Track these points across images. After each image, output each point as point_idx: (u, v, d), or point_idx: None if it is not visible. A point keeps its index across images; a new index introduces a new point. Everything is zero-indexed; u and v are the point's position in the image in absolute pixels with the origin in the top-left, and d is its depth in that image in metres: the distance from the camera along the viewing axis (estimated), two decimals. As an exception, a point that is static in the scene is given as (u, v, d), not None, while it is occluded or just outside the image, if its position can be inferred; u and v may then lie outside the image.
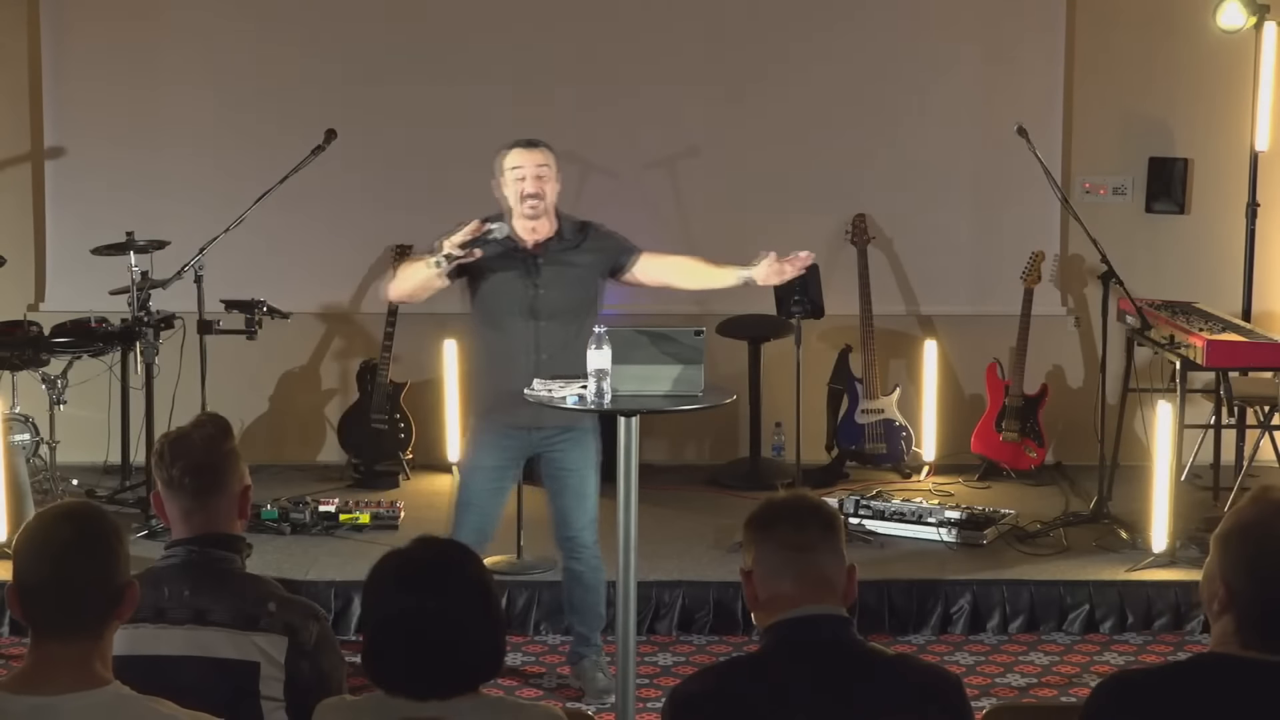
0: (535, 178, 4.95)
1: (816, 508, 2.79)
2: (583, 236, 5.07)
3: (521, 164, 4.96)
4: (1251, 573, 2.48)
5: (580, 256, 5.03)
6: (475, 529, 4.98)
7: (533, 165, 4.96)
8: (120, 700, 2.50)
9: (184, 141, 7.71)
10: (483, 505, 5.05)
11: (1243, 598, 2.48)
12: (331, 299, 7.83)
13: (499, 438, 5.04)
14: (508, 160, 5.00)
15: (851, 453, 7.50)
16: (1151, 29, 7.73)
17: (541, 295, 4.95)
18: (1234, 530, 2.53)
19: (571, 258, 5.00)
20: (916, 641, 5.77)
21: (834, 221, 7.69)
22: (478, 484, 5.07)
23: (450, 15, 7.70)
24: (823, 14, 7.74)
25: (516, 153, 4.99)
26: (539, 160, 4.98)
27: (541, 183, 4.95)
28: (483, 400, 5.13)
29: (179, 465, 3.06)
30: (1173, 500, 6.08)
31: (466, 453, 5.22)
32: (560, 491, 5.08)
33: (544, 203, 4.97)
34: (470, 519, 5.03)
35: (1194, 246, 7.80)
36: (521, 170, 4.96)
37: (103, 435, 7.29)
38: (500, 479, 5.10)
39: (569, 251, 5.02)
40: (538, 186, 4.95)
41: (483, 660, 2.58)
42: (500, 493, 5.11)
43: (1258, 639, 2.47)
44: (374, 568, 2.61)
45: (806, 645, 2.67)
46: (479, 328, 5.13)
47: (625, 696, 4.53)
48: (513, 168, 4.97)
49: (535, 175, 4.95)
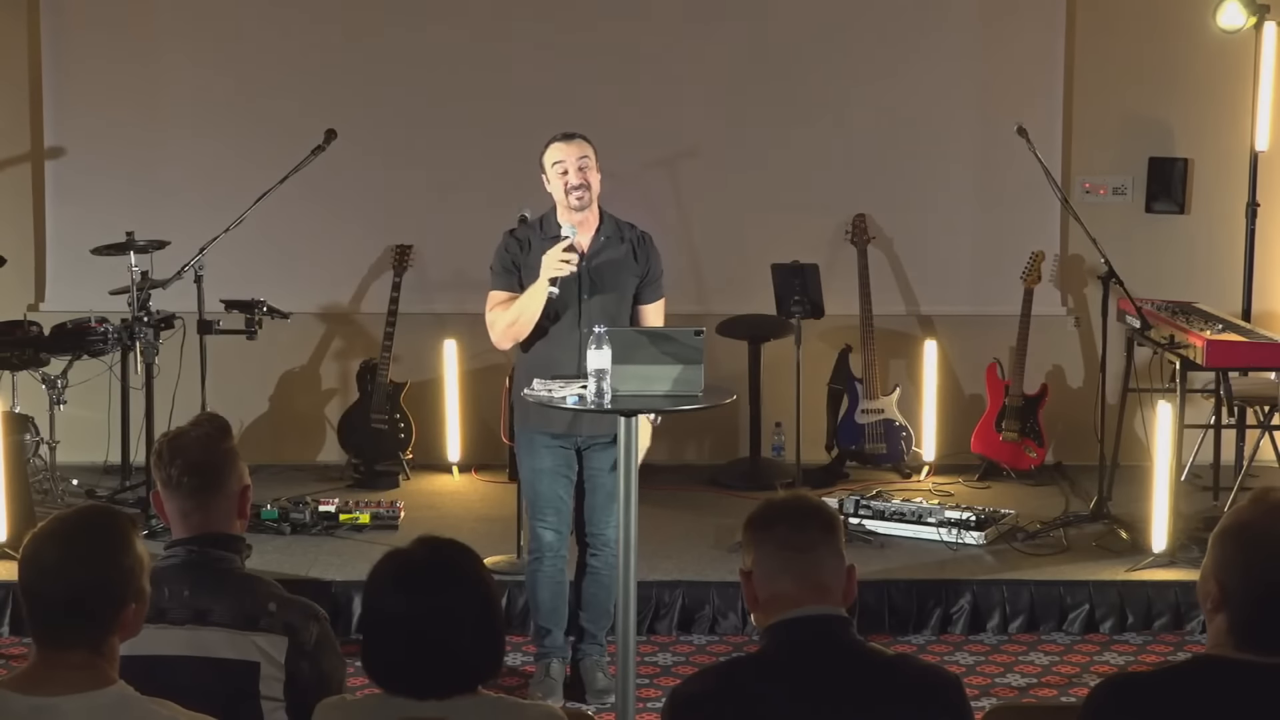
0: (578, 169, 5.00)
1: (816, 508, 2.79)
2: (628, 235, 5.11)
3: (563, 158, 5.02)
4: (1244, 573, 2.48)
5: (621, 253, 5.05)
6: (553, 528, 5.09)
7: (574, 157, 5.01)
8: (122, 701, 2.50)
9: (184, 142, 7.71)
10: (555, 503, 5.10)
11: (1235, 598, 2.48)
12: (331, 299, 7.83)
13: (548, 440, 5.08)
14: (549, 156, 5.06)
15: (851, 453, 7.50)
16: (1151, 29, 7.74)
17: (586, 301, 4.98)
18: (1230, 530, 2.53)
19: (612, 254, 5.03)
20: (916, 641, 5.77)
21: (834, 221, 7.70)
22: (544, 486, 5.10)
23: (450, 16, 7.70)
24: (823, 14, 7.73)
25: (556, 147, 5.05)
26: (579, 152, 5.03)
27: (584, 173, 5.01)
28: (527, 410, 5.06)
29: (177, 465, 3.06)
30: (1173, 500, 6.08)
31: (522, 460, 5.21)
32: (593, 490, 5.12)
33: (589, 192, 5.02)
34: (548, 518, 5.10)
35: (1194, 246, 7.80)
36: (564, 164, 5.01)
37: (103, 435, 7.29)
38: (560, 472, 5.10)
39: (611, 248, 5.05)
40: (581, 177, 5.00)
41: (482, 660, 2.58)
42: (568, 484, 5.11)
43: (1250, 640, 2.47)
44: (375, 567, 2.62)
45: (806, 645, 2.67)
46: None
47: (625, 696, 4.53)
48: (555, 162, 5.04)
49: (577, 167, 5.00)
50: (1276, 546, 2.48)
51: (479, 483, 7.51)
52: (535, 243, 5.05)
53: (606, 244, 5.06)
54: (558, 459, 5.08)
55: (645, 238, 5.16)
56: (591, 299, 4.98)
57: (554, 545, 5.11)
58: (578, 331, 4.95)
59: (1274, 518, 2.51)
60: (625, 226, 5.14)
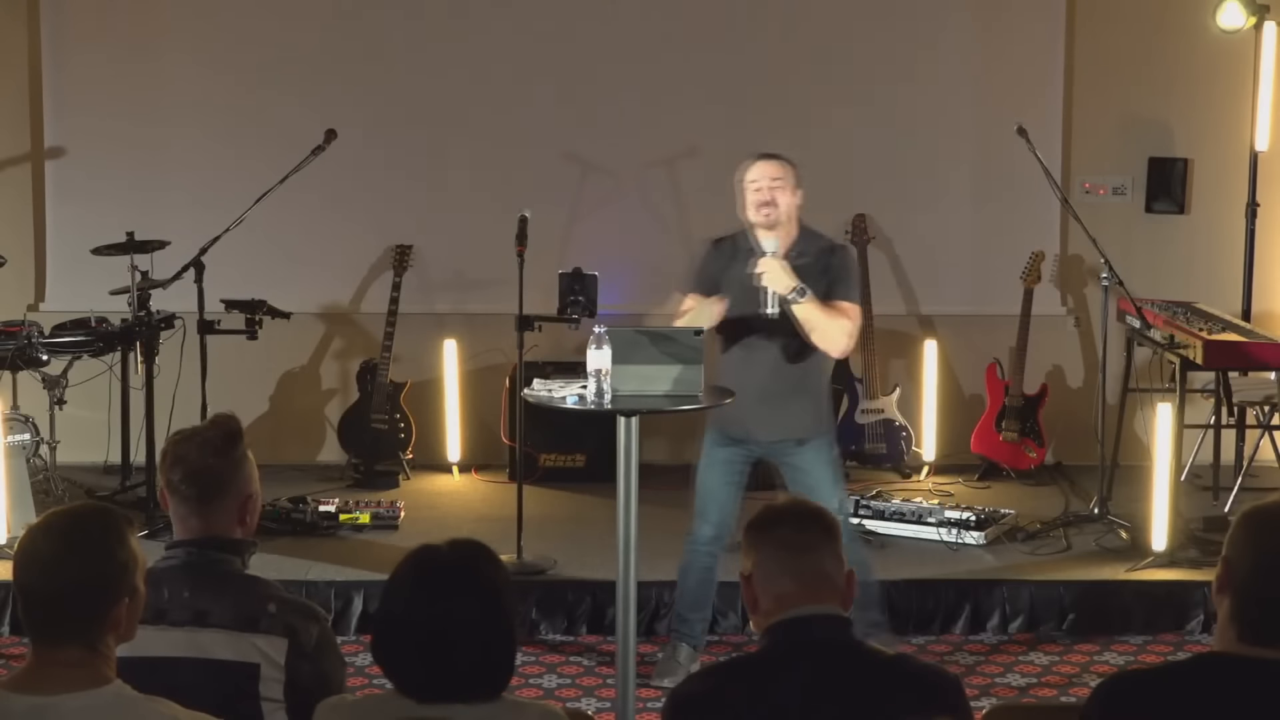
0: (769, 188, 5.09)
1: (817, 511, 2.80)
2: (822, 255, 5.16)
3: (757, 176, 5.13)
4: (1252, 558, 2.49)
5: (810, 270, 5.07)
6: (714, 522, 5.22)
7: (767, 178, 5.11)
8: (121, 700, 2.50)
9: (184, 141, 7.71)
10: (720, 498, 5.23)
11: (1239, 578, 2.49)
12: (331, 299, 7.83)
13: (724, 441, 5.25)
14: (746, 175, 5.16)
15: (851, 453, 7.50)
16: (1151, 29, 7.74)
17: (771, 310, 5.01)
18: (1253, 512, 2.55)
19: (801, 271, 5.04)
20: (916, 641, 5.77)
21: (834, 221, 7.68)
22: (713, 479, 5.25)
23: (451, 16, 7.70)
24: (823, 14, 7.74)
25: (753, 166, 5.16)
26: (773, 173, 5.12)
27: (775, 192, 5.08)
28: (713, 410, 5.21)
29: (178, 470, 3.05)
30: (1173, 500, 6.08)
31: (702, 450, 5.36)
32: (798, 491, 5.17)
33: (777, 211, 5.09)
34: (710, 512, 5.23)
35: (1194, 246, 7.80)
36: (758, 182, 5.12)
37: (103, 435, 7.29)
38: (729, 473, 5.24)
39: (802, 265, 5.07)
40: (770, 195, 5.08)
41: (493, 672, 2.56)
42: (733, 486, 5.24)
43: (1250, 630, 2.47)
44: (402, 562, 2.60)
45: (806, 645, 2.68)
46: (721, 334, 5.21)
47: (625, 696, 4.54)
48: (750, 180, 5.14)
49: (770, 186, 5.09)
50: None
51: (479, 483, 7.51)
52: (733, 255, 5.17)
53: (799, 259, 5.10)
54: (731, 454, 5.24)
55: (837, 253, 5.22)
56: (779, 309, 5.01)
57: (707, 537, 5.25)
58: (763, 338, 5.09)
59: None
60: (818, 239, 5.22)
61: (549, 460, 7.41)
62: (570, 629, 5.80)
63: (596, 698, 5.25)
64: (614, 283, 6.44)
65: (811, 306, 4.96)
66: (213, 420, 3.18)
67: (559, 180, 7.62)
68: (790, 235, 5.14)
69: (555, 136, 7.68)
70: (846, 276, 5.18)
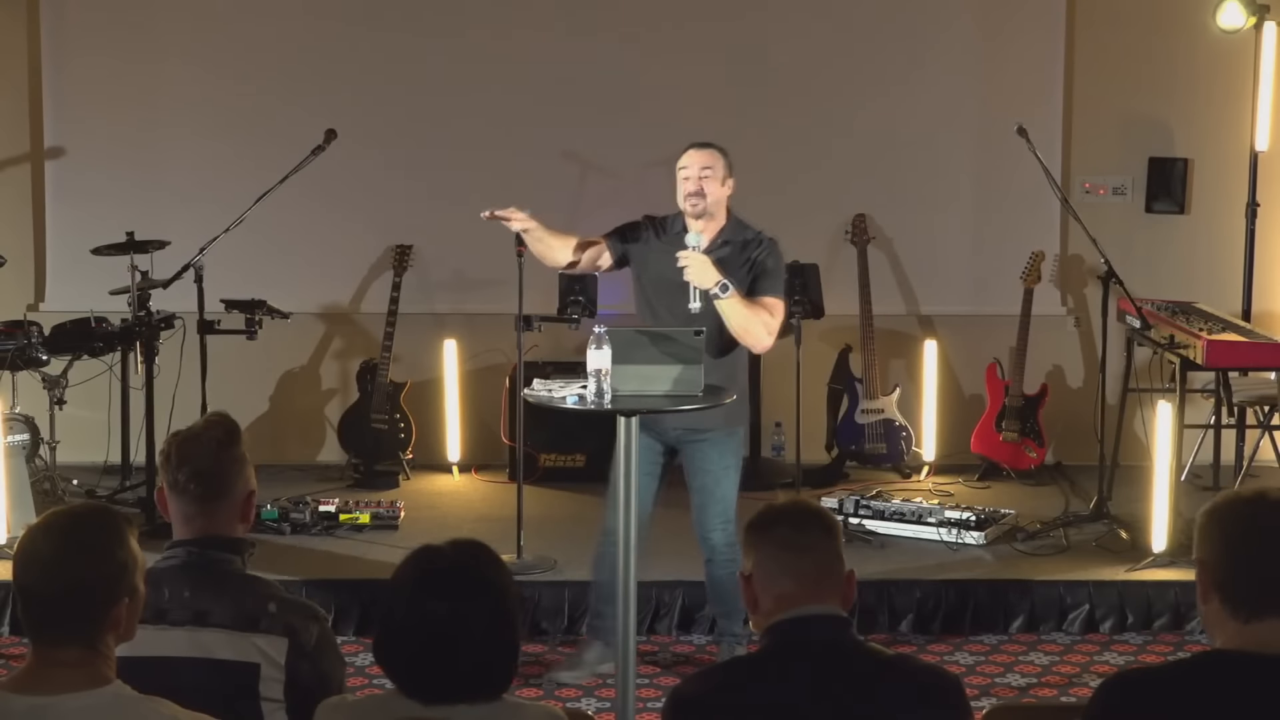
0: (698, 178, 5.10)
1: (817, 512, 2.80)
2: (748, 248, 5.14)
3: (687, 164, 5.14)
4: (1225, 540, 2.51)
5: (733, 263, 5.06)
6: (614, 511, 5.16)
7: (697, 166, 5.11)
8: (121, 700, 2.50)
9: (184, 141, 7.71)
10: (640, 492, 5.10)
11: (1219, 568, 2.50)
12: (331, 299, 7.83)
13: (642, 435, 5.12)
14: (679, 162, 5.17)
15: (851, 453, 7.50)
16: (1151, 29, 7.74)
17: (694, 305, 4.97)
18: (1208, 510, 2.57)
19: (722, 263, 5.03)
20: (916, 641, 5.77)
21: (834, 221, 7.70)
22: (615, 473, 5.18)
23: (451, 15, 7.70)
24: (823, 14, 7.74)
25: (685, 154, 5.17)
26: (704, 162, 5.12)
27: (703, 182, 5.09)
28: None
29: (185, 470, 3.05)
30: (1173, 500, 6.08)
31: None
32: (695, 490, 5.21)
33: (704, 201, 5.09)
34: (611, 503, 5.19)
35: (1194, 246, 7.80)
36: (687, 170, 5.13)
37: (103, 435, 7.29)
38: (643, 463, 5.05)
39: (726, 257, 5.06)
40: (699, 185, 5.09)
41: (496, 675, 2.56)
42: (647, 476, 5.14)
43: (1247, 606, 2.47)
44: (403, 563, 2.60)
45: (806, 645, 2.68)
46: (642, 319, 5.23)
47: (625, 696, 4.53)
48: (680, 168, 5.15)
49: (699, 175, 5.10)
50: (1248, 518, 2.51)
51: (479, 483, 7.51)
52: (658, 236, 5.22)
53: (721, 250, 5.10)
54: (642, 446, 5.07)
55: (763, 247, 5.17)
56: (704, 304, 4.97)
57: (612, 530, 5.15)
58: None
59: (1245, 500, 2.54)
60: (745, 230, 5.20)
61: (549, 460, 7.41)
62: (570, 629, 5.80)
63: (596, 698, 5.25)
64: (614, 283, 6.44)
65: (734, 302, 4.93)
66: (212, 419, 3.18)
67: (559, 180, 7.62)
68: (717, 226, 5.14)
69: (555, 136, 7.68)
70: (772, 271, 5.14)
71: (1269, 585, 2.47)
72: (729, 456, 5.17)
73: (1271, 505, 2.51)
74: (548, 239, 5.31)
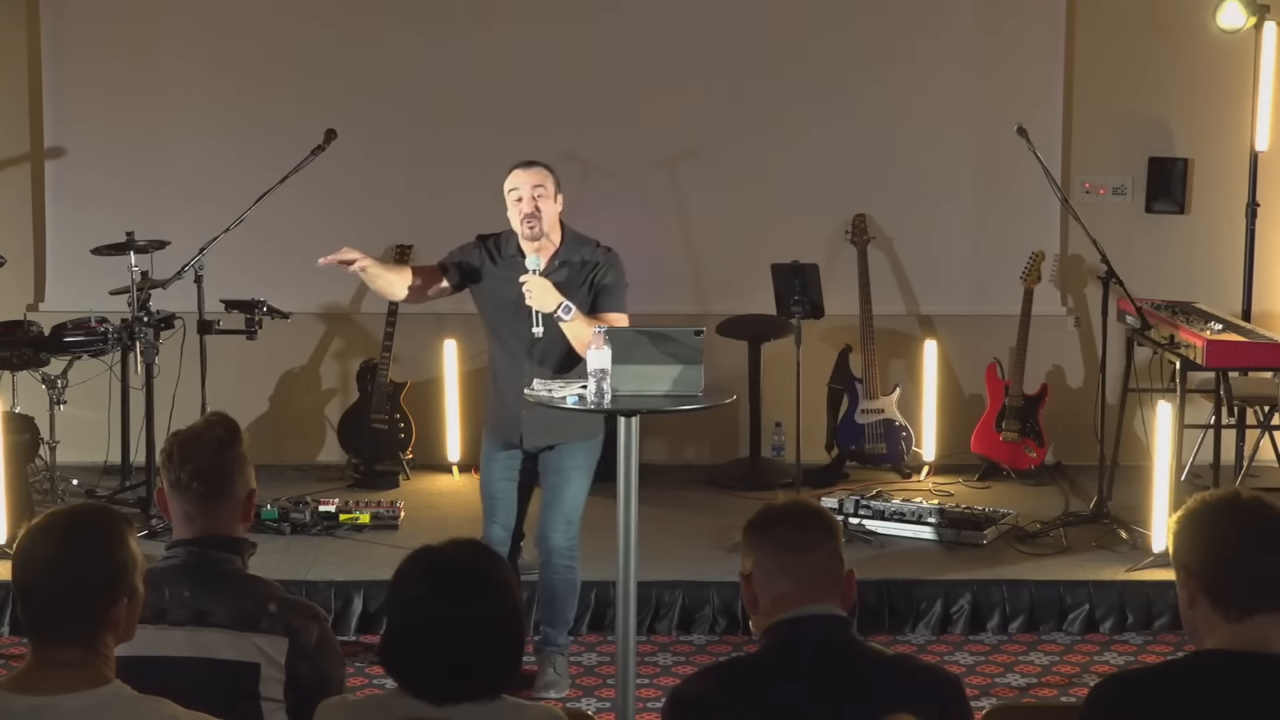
0: (532, 198, 5.01)
1: (816, 512, 2.80)
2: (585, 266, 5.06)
3: (518, 185, 5.04)
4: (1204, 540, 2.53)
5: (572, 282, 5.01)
6: (501, 522, 5.18)
7: (528, 185, 5.02)
8: (120, 700, 2.50)
9: (184, 141, 7.71)
10: (503, 498, 5.20)
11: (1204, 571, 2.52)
12: (331, 299, 7.83)
13: (500, 444, 5.23)
14: (507, 183, 5.08)
15: (851, 453, 7.50)
16: (1151, 29, 7.73)
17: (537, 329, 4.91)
18: (1180, 517, 2.59)
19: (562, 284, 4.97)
20: (916, 641, 5.77)
21: (834, 221, 7.70)
22: (494, 480, 5.22)
23: (450, 16, 7.70)
24: (822, 14, 7.74)
25: (513, 174, 5.08)
26: (535, 181, 5.03)
27: (538, 201, 5.01)
28: (488, 413, 5.31)
29: (187, 469, 3.05)
30: (1173, 500, 6.08)
31: (482, 454, 5.33)
32: (545, 489, 5.20)
33: (541, 222, 5.01)
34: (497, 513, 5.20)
35: (1194, 246, 7.80)
36: (518, 191, 5.03)
37: (103, 435, 7.29)
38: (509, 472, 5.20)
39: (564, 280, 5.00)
40: (533, 206, 5.01)
41: (499, 673, 2.56)
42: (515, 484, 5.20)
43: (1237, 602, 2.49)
44: (404, 563, 2.60)
45: (806, 645, 2.68)
46: (489, 339, 5.25)
47: (625, 696, 4.53)
48: (510, 190, 5.06)
49: (532, 195, 5.01)
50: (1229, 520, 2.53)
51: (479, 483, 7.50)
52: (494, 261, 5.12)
53: (559, 270, 5.04)
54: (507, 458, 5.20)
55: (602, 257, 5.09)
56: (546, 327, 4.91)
57: (498, 538, 5.15)
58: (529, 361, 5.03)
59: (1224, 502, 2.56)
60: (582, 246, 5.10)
61: (549, 460, 7.40)
62: (570, 629, 5.78)
63: (596, 698, 5.25)
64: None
65: (578, 323, 4.86)
66: (213, 419, 3.18)
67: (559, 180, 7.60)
68: (553, 246, 5.06)
69: (555, 136, 7.67)
70: (611, 287, 5.07)
71: (1256, 584, 2.49)
72: (580, 457, 5.13)
73: (1248, 505, 2.55)
74: (386, 274, 5.22)
